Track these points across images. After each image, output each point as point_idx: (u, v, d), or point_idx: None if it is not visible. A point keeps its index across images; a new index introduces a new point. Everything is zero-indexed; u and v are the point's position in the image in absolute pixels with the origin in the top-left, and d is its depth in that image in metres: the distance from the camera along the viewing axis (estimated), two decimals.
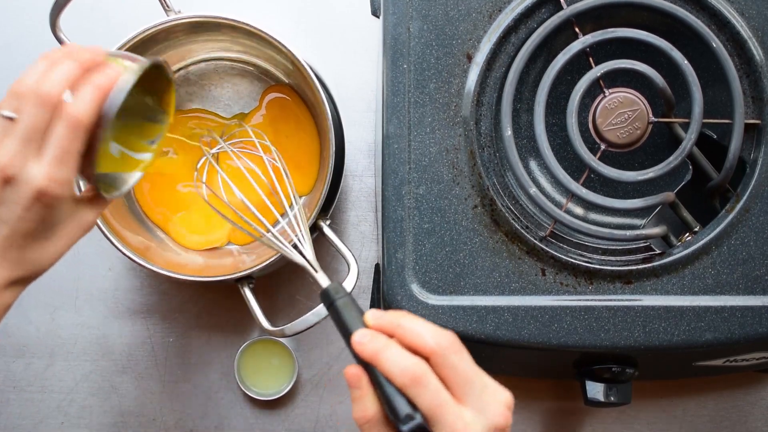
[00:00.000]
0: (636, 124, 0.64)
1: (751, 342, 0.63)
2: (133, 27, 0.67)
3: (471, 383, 0.50)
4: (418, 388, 0.49)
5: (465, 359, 0.50)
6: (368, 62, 0.79)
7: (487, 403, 0.50)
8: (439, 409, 0.49)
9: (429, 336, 0.50)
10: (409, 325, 0.50)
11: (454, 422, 0.48)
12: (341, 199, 0.78)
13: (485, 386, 0.50)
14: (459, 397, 0.49)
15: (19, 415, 0.78)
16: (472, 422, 0.49)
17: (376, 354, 0.49)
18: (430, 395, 0.49)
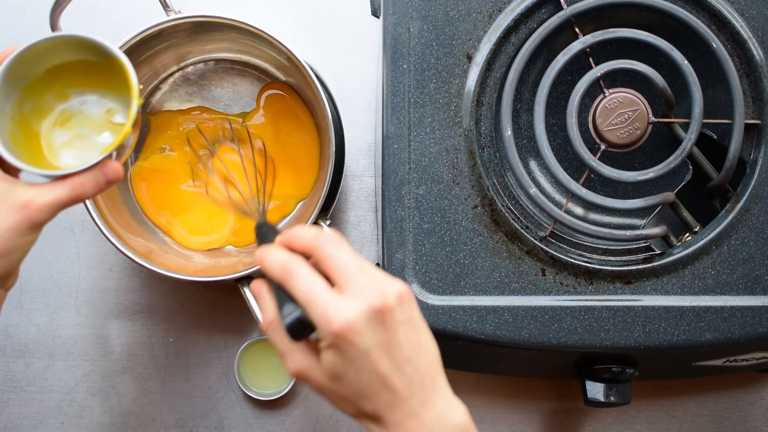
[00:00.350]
0: (636, 124, 0.64)
1: (751, 342, 0.63)
2: (133, 27, 0.67)
3: (348, 271, 0.50)
4: (290, 279, 0.51)
5: (342, 250, 0.51)
6: (368, 62, 0.79)
7: (365, 287, 0.50)
8: (310, 296, 0.50)
9: (309, 234, 0.52)
10: (296, 231, 0.53)
11: (324, 306, 0.49)
12: (341, 199, 0.78)
13: (368, 275, 0.51)
14: (339, 286, 0.50)
15: (19, 415, 0.78)
16: (345, 305, 0.49)
17: (261, 258, 0.52)
18: (301, 284, 0.50)
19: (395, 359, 0.50)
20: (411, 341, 0.51)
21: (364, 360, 0.49)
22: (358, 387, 0.50)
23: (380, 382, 0.50)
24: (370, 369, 0.50)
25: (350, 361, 0.50)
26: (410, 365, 0.51)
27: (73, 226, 0.78)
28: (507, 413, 0.78)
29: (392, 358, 0.50)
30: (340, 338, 0.49)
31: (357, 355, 0.49)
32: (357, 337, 0.49)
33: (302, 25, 0.79)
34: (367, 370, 0.50)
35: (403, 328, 0.50)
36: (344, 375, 0.50)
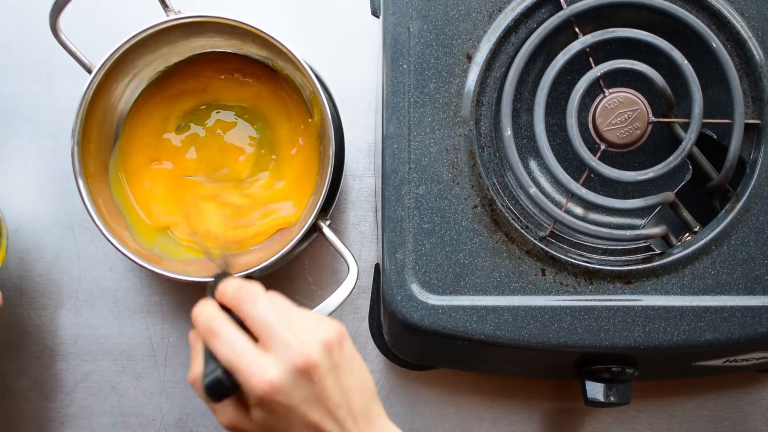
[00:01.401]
0: (636, 124, 0.64)
1: (751, 342, 0.63)
2: (133, 27, 0.67)
3: (267, 327, 0.50)
4: (212, 339, 0.50)
5: (261, 305, 0.51)
6: (368, 62, 0.79)
7: (289, 344, 0.50)
8: (234, 356, 0.50)
9: (229, 289, 0.52)
10: (221, 286, 0.53)
11: (247, 368, 0.49)
12: (341, 199, 0.78)
13: (291, 329, 0.50)
14: (263, 344, 0.50)
15: (19, 416, 0.77)
16: (269, 366, 0.49)
17: (192, 313, 0.52)
18: (223, 344, 0.50)
19: (326, 407, 0.50)
20: (342, 385, 0.51)
21: (293, 415, 0.50)
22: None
23: (312, 429, 0.50)
24: (300, 421, 0.50)
25: (279, 417, 0.50)
26: (343, 408, 0.51)
27: (73, 226, 0.78)
28: (507, 413, 0.78)
29: (323, 407, 0.50)
30: (265, 400, 0.49)
31: (285, 412, 0.50)
32: (283, 397, 0.49)
33: (302, 25, 0.79)
34: (298, 423, 0.50)
35: (330, 376, 0.50)
36: (275, 428, 0.50)
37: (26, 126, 0.78)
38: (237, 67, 0.75)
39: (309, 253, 0.77)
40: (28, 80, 0.78)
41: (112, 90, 0.71)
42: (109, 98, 0.71)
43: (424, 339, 0.65)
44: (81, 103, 0.67)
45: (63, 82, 0.78)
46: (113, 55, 0.67)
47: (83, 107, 0.67)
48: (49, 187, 0.78)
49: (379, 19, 0.67)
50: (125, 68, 0.70)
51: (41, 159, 0.78)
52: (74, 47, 0.68)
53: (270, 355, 0.50)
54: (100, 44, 0.68)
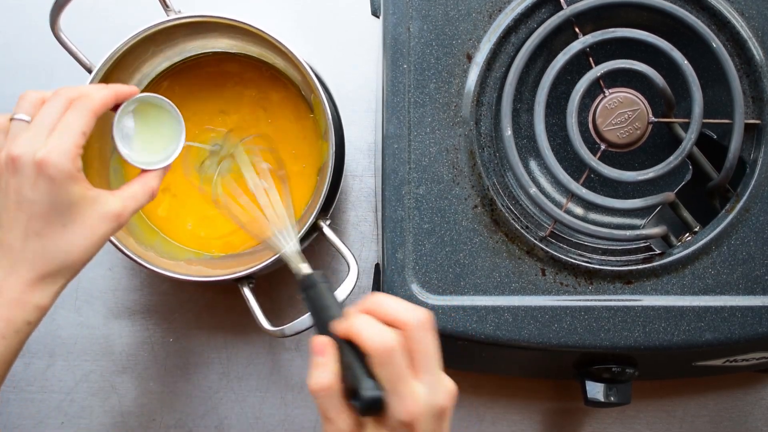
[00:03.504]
0: (636, 124, 0.64)
1: (751, 342, 0.63)
2: (133, 27, 0.67)
3: (431, 360, 0.51)
4: (387, 359, 0.50)
5: (433, 336, 0.52)
6: (368, 62, 0.79)
7: (438, 382, 0.51)
8: (399, 382, 0.50)
9: (406, 310, 0.52)
10: (386, 301, 0.52)
11: (407, 395, 0.50)
12: (341, 199, 0.78)
13: (439, 369, 0.52)
14: (417, 371, 0.51)
15: (19, 415, 0.77)
16: (422, 398, 0.50)
17: (358, 328, 0.51)
18: (394, 368, 0.50)
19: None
20: None
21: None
22: None
23: None
24: None
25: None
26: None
27: None
28: (507, 413, 0.78)
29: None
30: (411, 423, 0.50)
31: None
32: (419, 424, 0.50)
33: (302, 25, 0.79)
34: None
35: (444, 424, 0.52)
36: None
37: None
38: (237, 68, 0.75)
39: (309, 253, 0.77)
40: (28, 80, 0.78)
41: None
42: None
43: None
44: None
45: (63, 82, 0.78)
46: (113, 55, 0.67)
47: None
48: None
49: (379, 19, 0.67)
50: (125, 68, 0.70)
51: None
52: (74, 47, 0.68)
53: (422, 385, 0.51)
54: (100, 44, 0.68)
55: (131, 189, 0.58)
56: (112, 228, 0.57)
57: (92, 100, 0.56)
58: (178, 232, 0.75)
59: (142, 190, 0.59)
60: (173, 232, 0.75)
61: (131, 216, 0.58)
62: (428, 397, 0.50)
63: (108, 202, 0.57)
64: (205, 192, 0.74)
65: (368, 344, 0.51)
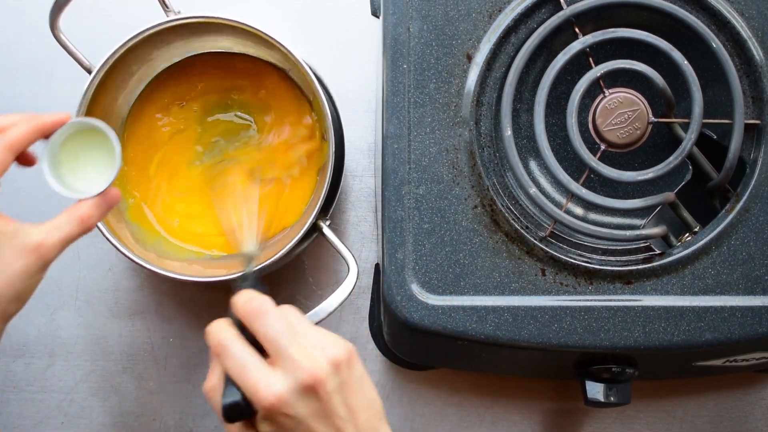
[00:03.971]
0: (636, 124, 0.64)
1: (751, 342, 0.63)
2: (133, 27, 0.67)
3: (275, 343, 0.51)
4: (222, 356, 0.52)
5: (271, 320, 0.52)
6: (368, 62, 0.79)
7: (296, 361, 0.50)
8: (242, 372, 0.51)
9: (239, 303, 0.53)
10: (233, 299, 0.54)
11: (255, 384, 0.50)
12: (341, 199, 0.78)
13: (300, 344, 0.51)
14: (272, 359, 0.51)
15: (19, 415, 0.77)
16: (275, 382, 0.50)
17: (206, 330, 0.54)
18: (232, 361, 0.51)
19: (332, 423, 0.51)
20: (349, 403, 0.51)
21: (298, 429, 0.50)
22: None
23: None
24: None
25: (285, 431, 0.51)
26: (349, 425, 0.51)
27: None
28: (507, 413, 0.78)
29: (329, 423, 0.51)
30: (272, 413, 0.50)
31: (290, 426, 0.50)
32: (288, 410, 0.50)
33: (302, 25, 0.79)
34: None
35: (337, 394, 0.51)
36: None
37: None
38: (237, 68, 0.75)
39: (309, 253, 0.77)
40: (28, 80, 0.78)
41: (112, 90, 0.71)
42: (109, 98, 0.71)
43: (424, 339, 0.65)
44: (81, 103, 0.67)
45: (63, 82, 0.78)
46: (113, 55, 0.67)
47: (83, 107, 0.67)
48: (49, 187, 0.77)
49: (379, 19, 0.67)
50: (125, 68, 0.70)
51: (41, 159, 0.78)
52: (74, 47, 0.68)
53: (278, 370, 0.51)
54: (100, 44, 0.68)
55: (57, 220, 0.57)
56: (33, 260, 0.55)
57: (9, 138, 0.55)
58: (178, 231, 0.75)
59: (68, 219, 0.57)
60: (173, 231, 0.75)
61: (59, 247, 0.56)
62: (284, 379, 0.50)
63: (28, 234, 0.55)
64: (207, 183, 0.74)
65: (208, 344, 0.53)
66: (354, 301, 0.77)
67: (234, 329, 0.53)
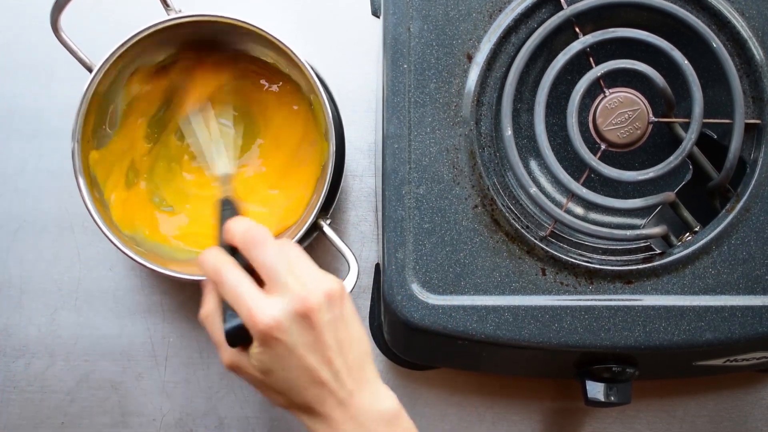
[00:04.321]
0: (636, 124, 0.64)
1: (751, 342, 0.63)
2: (133, 26, 0.67)
3: (272, 271, 0.53)
4: (218, 281, 0.53)
5: (269, 248, 0.53)
6: (368, 62, 0.79)
7: (291, 287, 0.52)
8: (238, 296, 0.52)
9: (237, 230, 0.54)
10: (228, 225, 0.55)
11: (251, 307, 0.51)
12: (341, 199, 0.78)
13: (296, 274, 0.53)
14: (267, 286, 0.52)
15: (19, 415, 0.77)
16: (271, 306, 0.51)
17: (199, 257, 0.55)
18: (228, 285, 0.53)
19: (323, 355, 0.52)
20: (339, 337, 0.53)
21: (290, 356, 0.52)
22: (287, 381, 0.53)
23: (309, 376, 0.52)
24: (297, 364, 0.52)
25: (278, 357, 0.52)
26: (339, 358, 0.53)
27: (73, 226, 0.78)
28: (507, 413, 0.78)
29: (320, 354, 0.52)
30: (266, 336, 0.51)
31: (283, 352, 0.52)
32: (282, 335, 0.51)
33: (302, 25, 0.79)
34: (295, 366, 0.52)
35: (329, 326, 0.53)
36: (273, 370, 0.53)
37: (26, 126, 0.78)
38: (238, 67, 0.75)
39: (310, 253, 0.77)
40: (28, 80, 0.78)
41: (113, 90, 0.71)
42: (109, 98, 0.71)
43: (424, 339, 0.65)
44: (81, 103, 0.67)
45: (63, 82, 0.78)
46: (113, 54, 0.67)
47: (83, 107, 0.67)
48: (49, 187, 0.78)
49: (379, 19, 0.67)
50: (126, 67, 0.70)
51: (41, 159, 0.78)
52: (75, 46, 0.68)
53: (274, 296, 0.52)
54: (100, 44, 0.68)
55: None
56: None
57: None
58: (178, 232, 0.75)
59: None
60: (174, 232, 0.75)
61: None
62: (277, 304, 0.51)
63: None
64: None
65: (203, 271, 0.54)
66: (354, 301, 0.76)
67: (228, 256, 0.54)
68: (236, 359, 0.55)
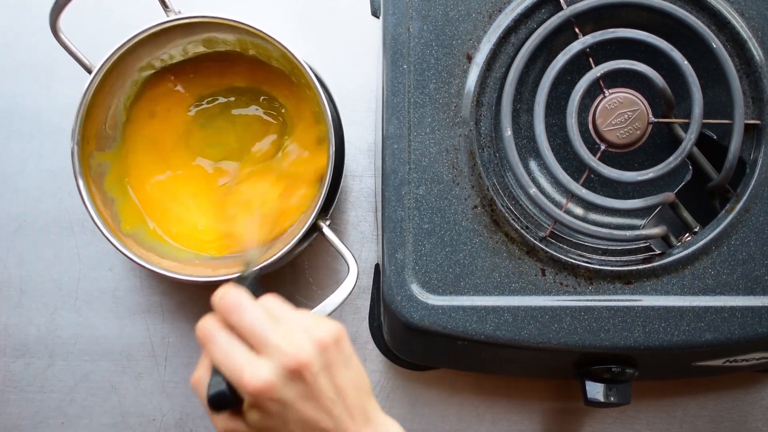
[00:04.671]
0: (636, 124, 0.64)
1: (751, 342, 0.63)
2: (133, 27, 0.67)
3: (255, 333, 0.52)
4: (208, 345, 0.52)
5: (245, 313, 0.52)
6: (368, 62, 0.79)
7: (278, 346, 0.51)
8: (226, 360, 0.51)
9: (215, 300, 0.53)
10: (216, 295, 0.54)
11: (240, 370, 0.50)
12: (341, 199, 0.78)
13: (282, 331, 0.51)
14: (255, 348, 0.51)
15: (19, 415, 0.78)
16: (260, 369, 0.50)
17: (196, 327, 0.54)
18: (216, 349, 0.52)
19: (321, 404, 0.51)
20: (337, 383, 0.52)
21: (288, 412, 0.51)
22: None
23: (309, 427, 0.51)
24: (296, 418, 0.51)
25: (272, 416, 0.51)
26: (338, 405, 0.52)
27: (73, 226, 0.78)
28: (507, 413, 0.78)
29: (317, 404, 0.51)
30: (258, 398, 0.50)
31: (280, 410, 0.51)
32: (275, 394, 0.50)
33: (302, 25, 0.79)
34: (293, 420, 0.51)
35: (323, 376, 0.51)
36: (271, 428, 0.51)
37: (26, 126, 0.78)
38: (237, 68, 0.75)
39: (309, 253, 0.77)
40: (28, 80, 0.78)
41: (113, 90, 0.71)
42: (109, 98, 0.71)
43: (424, 339, 0.65)
44: (81, 103, 0.67)
45: (63, 82, 0.78)
46: (113, 55, 0.67)
47: (83, 107, 0.67)
48: (49, 187, 0.78)
49: (379, 19, 0.67)
50: (126, 68, 0.70)
51: (41, 159, 0.78)
52: (74, 47, 0.68)
53: (262, 357, 0.51)
54: (100, 44, 0.68)
55: None
56: None
57: None
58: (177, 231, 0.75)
59: None
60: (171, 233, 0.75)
61: None
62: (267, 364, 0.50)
63: None
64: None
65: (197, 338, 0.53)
66: (354, 301, 0.77)
67: (221, 323, 0.54)
68: (231, 424, 0.53)
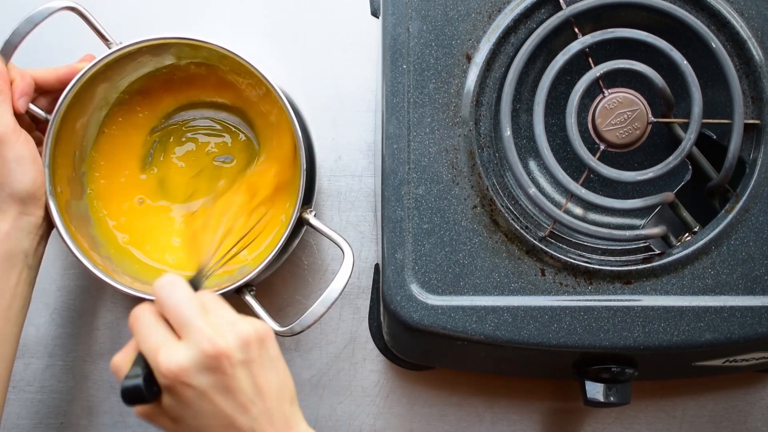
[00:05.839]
0: (635, 124, 0.64)
1: (751, 342, 0.63)
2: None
3: (179, 313, 0.51)
4: (134, 326, 0.52)
5: (175, 293, 0.52)
6: (368, 62, 0.79)
7: (200, 332, 0.50)
8: (147, 339, 0.51)
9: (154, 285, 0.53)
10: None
11: (156, 350, 0.50)
12: (341, 199, 0.78)
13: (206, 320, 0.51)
14: (178, 333, 0.51)
15: (19, 415, 0.78)
16: (177, 352, 0.50)
17: None
18: (140, 329, 0.52)
19: (237, 400, 0.50)
20: (257, 382, 0.51)
21: (200, 402, 0.50)
22: (199, 429, 0.50)
23: (223, 423, 0.50)
24: (210, 411, 0.50)
25: (186, 404, 0.50)
26: (256, 405, 0.51)
27: None
28: (506, 413, 0.78)
29: (234, 400, 0.50)
30: (172, 382, 0.49)
31: (191, 398, 0.50)
32: (188, 380, 0.49)
33: (302, 26, 0.79)
34: (207, 412, 0.50)
35: (242, 371, 0.50)
36: (183, 417, 0.51)
37: None
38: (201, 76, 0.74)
39: (308, 253, 0.77)
40: None
41: (74, 129, 0.70)
42: (73, 138, 0.70)
43: (424, 339, 0.65)
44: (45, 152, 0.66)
45: None
46: (66, 97, 0.66)
47: (46, 158, 0.66)
48: None
49: (379, 19, 0.67)
50: (82, 106, 0.69)
51: None
52: None
53: (182, 341, 0.50)
54: None
55: None
56: None
57: None
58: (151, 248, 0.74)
59: None
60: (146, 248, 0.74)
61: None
62: (187, 350, 0.49)
63: None
64: None
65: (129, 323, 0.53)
66: (354, 301, 0.77)
67: (154, 309, 0.53)
68: (147, 409, 0.52)
